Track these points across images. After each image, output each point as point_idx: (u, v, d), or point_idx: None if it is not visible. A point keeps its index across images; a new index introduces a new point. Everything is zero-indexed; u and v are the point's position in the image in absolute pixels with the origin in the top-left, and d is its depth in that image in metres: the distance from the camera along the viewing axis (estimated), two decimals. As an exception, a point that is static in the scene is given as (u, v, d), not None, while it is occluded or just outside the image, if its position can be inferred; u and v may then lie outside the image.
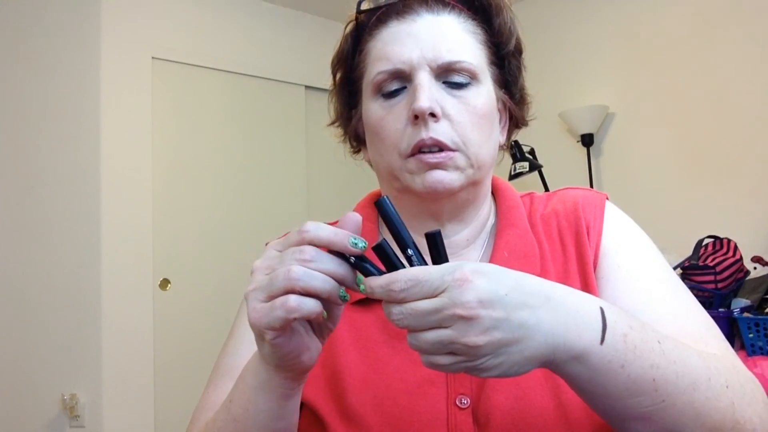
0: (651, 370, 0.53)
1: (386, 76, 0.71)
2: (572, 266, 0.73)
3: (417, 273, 0.49)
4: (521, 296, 0.49)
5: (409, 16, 0.72)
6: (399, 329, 0.69)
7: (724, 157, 2.74)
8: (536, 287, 0.51)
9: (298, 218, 3.32)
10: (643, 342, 0.54)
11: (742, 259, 2.36)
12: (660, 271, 0.72)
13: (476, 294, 0.47)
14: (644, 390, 0.52)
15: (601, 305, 0.53)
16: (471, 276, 0.48)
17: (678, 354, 0.55)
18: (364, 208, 0.83)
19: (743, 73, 2.71)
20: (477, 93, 0.72)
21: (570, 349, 0.50)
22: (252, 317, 0.52)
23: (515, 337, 0.48)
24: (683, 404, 0.54)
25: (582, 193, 0.78)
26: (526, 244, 0.74)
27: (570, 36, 3.35)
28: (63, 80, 2.79)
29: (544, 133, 3.30)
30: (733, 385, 0.58)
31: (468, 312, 0.47)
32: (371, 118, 0.73)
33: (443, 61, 0.70)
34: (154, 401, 2.78)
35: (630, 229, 0.76)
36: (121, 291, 2.75)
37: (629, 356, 0.52)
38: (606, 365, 0.51)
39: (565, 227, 0.75)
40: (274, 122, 3.40)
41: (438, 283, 0.48)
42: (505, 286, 0.49)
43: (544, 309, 0.50)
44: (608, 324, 0.52)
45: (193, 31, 3.15)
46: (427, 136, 0.68)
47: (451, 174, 0.70)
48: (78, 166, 2.77)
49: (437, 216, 0.75)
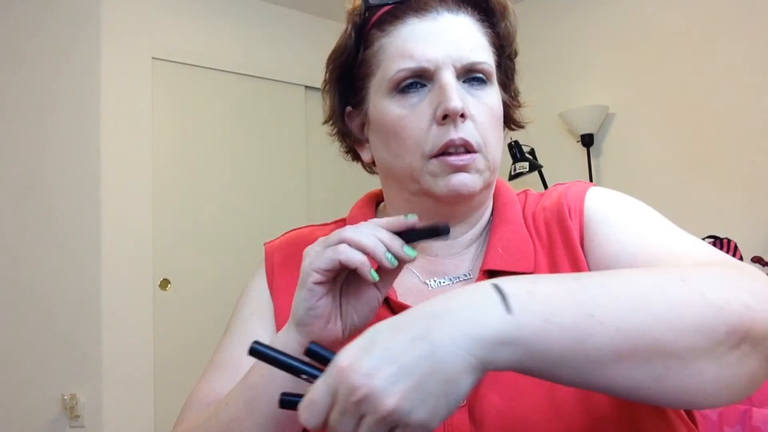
0: (579, 306, 0.48)
1: (408, 74, 0.70)
2: (559, 253, 0.72)
3: (310, 396, 0.48)
4: (403, 337, 0.46)
5: (429, 14, 0.71)
6: None
7: (724, 157, 2.74)
8: (417, 316, 0.48)
9: (298, 218, 3.32)
10: (556, 286, 0.49)
11: (742, 259, 2.36)
12: (639, 216, 0.71)
13: (357, 373, 0.45)
14: (589, 329, 0.47)
15: (494, 282, 0.50)
16: (345, 362, 0.46)
17: (602, 278, 0.51)
18: (361, 209, 0.82)
19: (743, 73, 2.71)
20: (492, 93, 0.72)
21: (484, 340, 0.46)
22: (304, 262, 0.59)
23: (420, 374, 0.45)
24: (643, 321, 0.48)
25: (567, 185, 0.78)
26: (520, 240, 0.74)
27: (570, 36, 3.35)
28: (63, 80, 2.79)
29: (544, 133, 3.30)
30: (693, 277, 0.51)
31: (361, 392, 0.44)
32: (388, 117, 0.71)
33: (467, 62, 0.70)
34: (154, 401, 2.78)
35: (611, 197, 0.75)
36: (121, 291, 2.75)
37: (547, 308, 0.47)
38: (529, 329, 0.47)
39: (550, 218, 0.75)
40: (274, 122, 3.40)
41: (327, 390, 0.47)
42: (381, 343, 0.46)
43: (434, 328, 0.46)
44: (506, 293, 0.48)
45: (193, 31, 3.15)
46: (457, 136, 0.68)
47: (473, 177, 0.70)
48: (78, 166, 2.77)
49: (450, 219, 0.74)
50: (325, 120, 0.82)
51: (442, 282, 0.74)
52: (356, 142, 0.80)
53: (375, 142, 0.76)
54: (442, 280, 0.75)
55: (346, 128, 0.80)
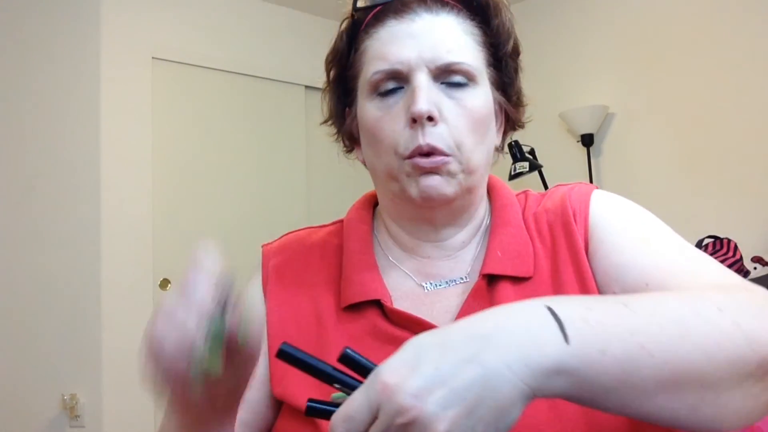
0: (633, 337, 0.47)
1: (383, 76, 0.70)
2: (563, 257, 0.71)
3: (347, 410, 0.45)
4: (453, 356, 0.44)
5: (407, 16, 0.71)
6: (392, 334, 0.69)
7: (724, 157, 2.74)
8: (466, 335, 0.46)
9: (298, 218, 3.32)
10: (609, 313, 0.48)
11: (742, 259, 2.36)
12: (645, 226, 0.70)
13: (405, 393, 0.43)
14: (640, 361, 0.47)
15: (547, 304, 0.48)
16: (390, 378, 0.44)
17: (650, 305, 0.51)
18: (359, 210, 0.82)
19: (743, 72, 2.71)
20: (474, 95, 0.71)
21: (540, 369, 0.45)
22: None
23: (472, 400, 0.43)
24: (688, 352, 0.48)
25: (570, 186, 0.78)
26: (519, 243, 0.73)
27: (570, 36, 3.35)
28: (63, 80, 2.79)
29: (544, 133, 3.30)
30: (726, 305, 0.52)
31: (410, 415, 0.42)
32: (367, 118, 0.72)
33: (442, 62, 0.69)
34: (154, 401, 2.78)
35: (616, 203, 0.74)
36: (121, 291, 2.75)
37: (603, 336, 0.47)
38: (586, 360, 0.46)
39: (553, 221, 0.74)
40: (274, 122, 3.40)
41: (369, 406, 0.44)
42: (430, 361, 0.44)
43: (486, 351, 0.45)
44: (562, 318, 0.47)
45: (193, 31, 3.14)
46: (424, 142, 0.67)
47: (444, 180, 0.68)
48: (77, 166, 2.77)
49: (432, 222, 0.74)
50: (324, 120, 0.82)
51: (438, 285, 0.74)
52: (354, 142, 0.80)
53: (363, 143, 0.76)
54: (438, 283, 0.74)
55: (345, 128, 0.80)
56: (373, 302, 0.72)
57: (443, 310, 0.71)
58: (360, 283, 0.73)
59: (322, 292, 0.75)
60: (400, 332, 0.69)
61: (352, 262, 0.75)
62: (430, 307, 0.72)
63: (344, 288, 0.74)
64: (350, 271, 0.75)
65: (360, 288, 0.72)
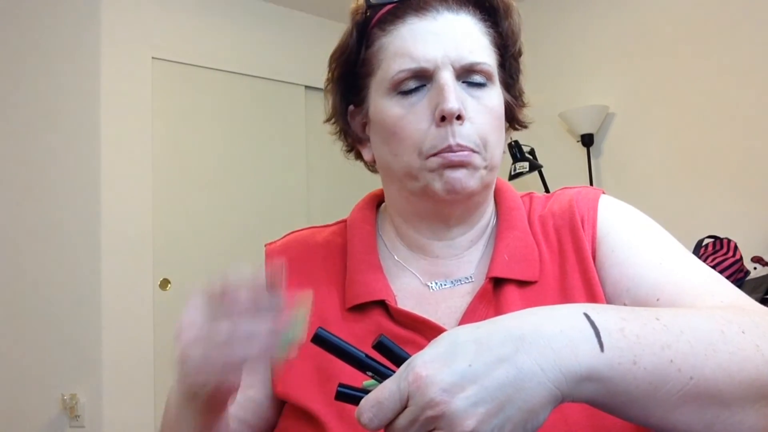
0: (664, 351, 0.49)
1: (408, 75, 0.70)
2: (570, 263, 0.72)
3: (377, 396, 0.46)
4: (489, 356, 0.45)
5: (429, 14, 0.71)
6: (398, 334, 0.69)
7: (724, 157, 2.74)
8: (503, 334, 0.47)
9: (298, 218, 3.32)
10: (643, 327, 0.50)
11: (742, 259, 2.36)
12: (655, 240, 0.71)
13: (437, 386, 0.44)
14: (668, 376, 0.48)
15: (584, 311, 0.49)
16: (423, 371, 0.45)
17: (681, 322, 0.52)
18: (362, 210, 0.82)
19: (743, 72, 2.71)
20: (492, 94, 0.72)
21: (573, 375, 0.46)
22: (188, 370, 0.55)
23: (502, 399, 0.44)
24: (712, 371, 0.49)
25: (577, 190, 0.78)
26: (525, 247, 0.73)
27: (570, 36, 3.35)
28: (63, 80, 2.79)
29: (544, 133, 3.30)
30: (748, 328, 0.53)
31: (439, 409, 0.44)
32: (387, 116, 0.71)
33: (466, 62, 0.69)
34: (154, 401, 2.78)
35: (624, 212, 0.75)
36: (121, 291, 2.75)
37: (636, 349, 0.48)
38: (618, 370, 0.47)
39: (560, 225, 0.75)
40: (274, 122, 3.40)
41: (399, 395, 0.46)
42: (464, 357, 0.45)
43: (521, 353, 0.46)
44: (599, 327, 0.48)
45: (193, 31, 3.15)
46: (455, 142, 0.67)
47: (470, 173, 0.69)
48: (78, 166, 2.77)
49: (447, 219, 0.74)
50: (326, 119, 0.81)
51: (444, 284, 0.74)
52: (358, 141, 0.80)
53: (375, 141, 0.75)
54: (443, 283, 0.74)
55: (348, 127, 0.79)
56: (377, 302, 0.72)
57: (448, 311, 0.72)
58: (364, 283, 0.73)
59: (327, 293, 0.75)
60: (405, 332, 0.69)
61: (356, 262, 0.75)
62: (435, 306, 0.72)
63: (349, 288, 0.74)
64: (354, 271, 0.75)
65: (364, 288, 0.73)
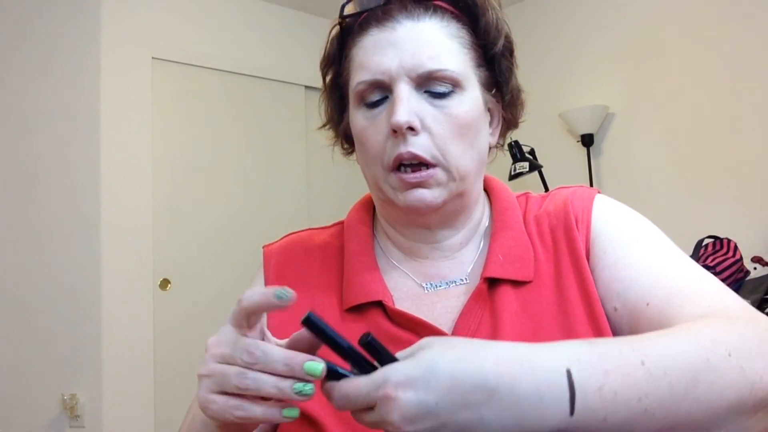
0: (640, 402, 0.49)
1: (366, 87, 0.70)
2: (565, 263, 0.72)
3: (348, 391, 0.49)
4: (457, 398, 0.46)
5: (389, 24, 0.70)
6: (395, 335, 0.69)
7: (724, 157, 2.74)
8: (478, 379, 0.47)
9: (298, 218, 3.32)
10: (625, 379, 0.49)
11: (742, 259, 2.36)
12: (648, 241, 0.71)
13: (401, 412, 0.46)
14: (639, 424, 0.49)
15: (569, 366, 0.49)
16: (395, 392, 0.46)
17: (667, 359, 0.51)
18: (359, 212, 0.82)
19: (743, 72, 2.71)
20: (460, 101, 0.70)
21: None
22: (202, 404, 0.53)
23: None
24: (688, 407, 0.50)
25: (572, 190, 0.78)
26: (520, 247, 0.73)
27: (570, 36, 3.35)
28: (63, 80, 2.79)
29: (544, 133, 3.30)
30: (735, 347, 0.53)
31: (397, 430, 0.47)
32: (356, 127, 0.72)
33: (424, 70, 0.68)
34: (154, 401, 2.78)
35: (618, 213, 0.75)
36: (121, 291, 2.75)
37: (610, 407, 0.48)
38: (584, 425, 0.48)
39: (555, 225, 0.74)
40: (274, 122, 3.40)
41: (367, 400, 0.48)
42: (434, 393, 0.46)
43: (487, 406, 0.47)
44: (577, 388, 0.48)
45: (193, 31, 3.15)
46: (405, 150, 0.67)
47: (433, 191, 0.68)
48: (78, 166, 2.78)
49: (425, 225, 0.74)
50: (321, 125, 0.82)
51: (438, 285, 0.74)
52: (351, 145, 0.81)
53: (356, 149, 0.77)
54: (437, 284, 0.74)
55: (342, 132, 0.80)
56: (375, 303, 0.72)
57: (444, 311, 0.72)
58: (362, 284, 0.73)
59: (324, 294, 0.75)
60: (402, 333, 0.69)
61: (353, 263, 0.76)
62: (431, 307, 0.72)
63: (346, 289, 0.74)
64: (352, 272, 0.75)
65: (362, 289, 0.73)
